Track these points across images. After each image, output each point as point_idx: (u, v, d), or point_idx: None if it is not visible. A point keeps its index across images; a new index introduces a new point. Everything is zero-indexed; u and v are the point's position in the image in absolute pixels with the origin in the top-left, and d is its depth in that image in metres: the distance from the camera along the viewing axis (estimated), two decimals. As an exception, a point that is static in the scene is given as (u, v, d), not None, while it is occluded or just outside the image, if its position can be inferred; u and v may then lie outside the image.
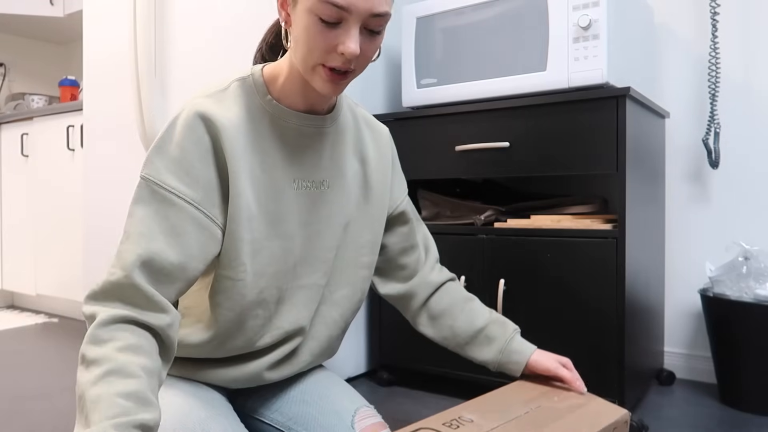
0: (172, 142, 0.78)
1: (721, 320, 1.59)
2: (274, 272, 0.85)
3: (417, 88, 1.75)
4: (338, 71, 0.78)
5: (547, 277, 1.50)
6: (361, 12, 0.74)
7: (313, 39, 0.75)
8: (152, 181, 0.77)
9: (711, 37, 1.79)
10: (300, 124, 0.86)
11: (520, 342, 1.03)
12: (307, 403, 0.97)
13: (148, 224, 0.75)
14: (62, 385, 1.80)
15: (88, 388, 0.65)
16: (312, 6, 0.74)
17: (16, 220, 3.04)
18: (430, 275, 1.07)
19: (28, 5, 3.09)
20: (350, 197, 0.93)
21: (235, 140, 0.80)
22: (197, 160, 0.78)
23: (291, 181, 0.85)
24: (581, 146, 1.46)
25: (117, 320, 0.70)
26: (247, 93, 0.84)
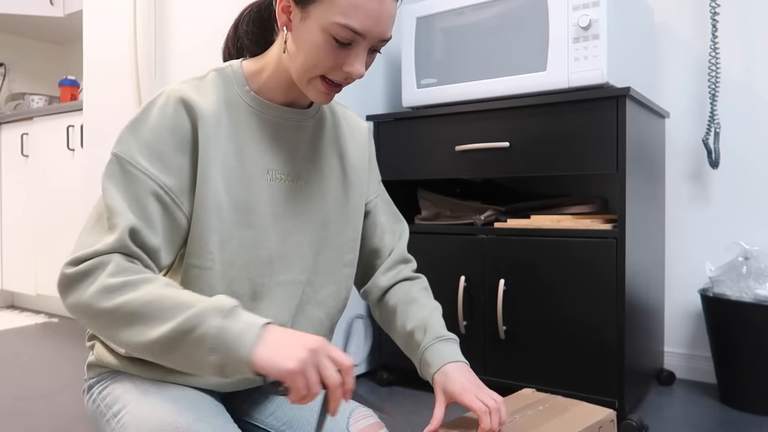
0: (146, 125, 0.78)
1: (721, 320, 1.59)
2: (244, 264, 0.84)
3: (417, 88, 1.75)
4: (335, 84, 0.80)
5: (547, 277, 1.50)
6: (374, 37, 0.77)
7: (322, 56, 0.77)
8: (125, 159, 0.77)
9: (711, 37, 1.79)
10: (278, 117, 0.86)
11: (436, 352, 0.91)
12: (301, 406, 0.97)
13: (126, 202, 0.75)
14: (62, 385, 1.80)
15: (158, 289, 0.70)
16: (328, 26, 0.75)
17: (16, 220, 3.04)
18: (380, 277, 1.02)
19: (28, 5, 3.09)
20: (329, 194, 0.92)
21: (210, 127, 0.80)
22: (171, 147, 0.78)
23: (264, 172, 0.85)
24: (581, 146, 1.46)
25: (132, 259, 0.74)
26: (225, 83, 0.84)
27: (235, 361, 0.66)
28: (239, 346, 0.66)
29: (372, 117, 1.82)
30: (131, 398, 0.84)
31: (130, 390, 0.86)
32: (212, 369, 0.67)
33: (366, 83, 1.90)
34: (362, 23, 0.75)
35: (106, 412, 0.86)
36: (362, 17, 0.75)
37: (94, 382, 0.92)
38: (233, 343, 0.66)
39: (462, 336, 1.63)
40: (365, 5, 0.75)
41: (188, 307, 0.68)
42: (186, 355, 0.68)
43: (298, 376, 0.65)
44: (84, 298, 0.71)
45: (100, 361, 0.90)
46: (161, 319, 0.68)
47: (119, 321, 0.70)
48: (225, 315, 0.68)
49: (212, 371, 0.68)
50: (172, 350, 0.68)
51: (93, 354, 0.93)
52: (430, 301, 1.00)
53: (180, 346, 0.68)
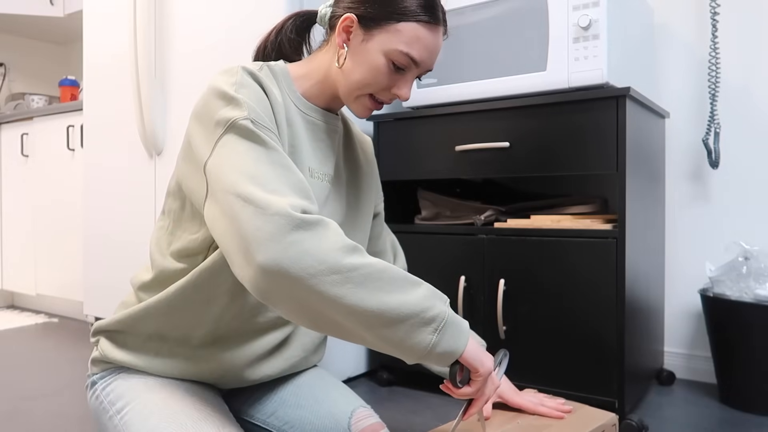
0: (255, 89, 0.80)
1: (721, 320, 1.59)
2: None
3: (417, 88, 1.75)
4: (379, 102, 0.89)
5: (547, 277, 1.50)
6: (426, 67, 0.88)
7: (378, 77, 0.85)
8: (261, 125, 0.77)
9: (711, 37, 1.79)
10: (318, 119, 0.92)
11: None
12: (302, 406, 0.97)
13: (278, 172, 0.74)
14: (62, 385, 1.80)
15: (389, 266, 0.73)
16: (390, 51, 0.84)
17: (16, 220, 3.04)
18: None
19: (28, 5, 3.09)
20: (344, 198, 0.97)
21: (277, 116, 0.84)
22: (268, 112, 0.82)
23: (307, 169, 0.89)
24: (581, 146, 1.46)
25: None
26: (277, 79, 0.88)
27: (450, 345, 0.73)
28: (459, 335, 0.74)
29: (372, 117, 1.82)
30: (135, 395, 0.85)
31: (134, 386, 0.86)
32: (420, 347, 0.71)
33: (366, 83, 1.90)
34: (420, 54, 0.85)
35: (110, 409, 0.86)
36: (421, 49, 0.85)
37: (97, 378, 0.92)
38: (456, 329, 0.74)
39: (462, 336, 1.63)
40: (426, 39, 0.85)
41: (418, 283, 0.73)
42: (408, 328, 0.70)
43: (487, 375, 0.77)
44: (321, 246, 0.68)
45: (105, 356, 0.91)
46: (397, 288, 0.71)
47: (353, 280, 0.68)
48: (447, 304, 0.75)
49: (418, 350, 0.71)
50: (398, 321, 0.70)
51: (98, 350, 0.93)
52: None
53: (409, 320, 0.70)
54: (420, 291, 0.73)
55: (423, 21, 0.84)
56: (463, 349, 0.74)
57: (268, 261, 0.66)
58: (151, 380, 0.87)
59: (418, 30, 0.84)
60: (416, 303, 0.71)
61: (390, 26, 0.84)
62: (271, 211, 0.68)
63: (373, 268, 0.70)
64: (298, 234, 0.67)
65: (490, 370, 0.78)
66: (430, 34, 0.85)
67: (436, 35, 0.86)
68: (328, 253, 0.68)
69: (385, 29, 0.84)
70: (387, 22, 0.84)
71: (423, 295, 0.72)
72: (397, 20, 0.83)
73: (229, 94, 0.78)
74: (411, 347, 0.71)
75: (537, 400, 0.96)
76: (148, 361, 0.88)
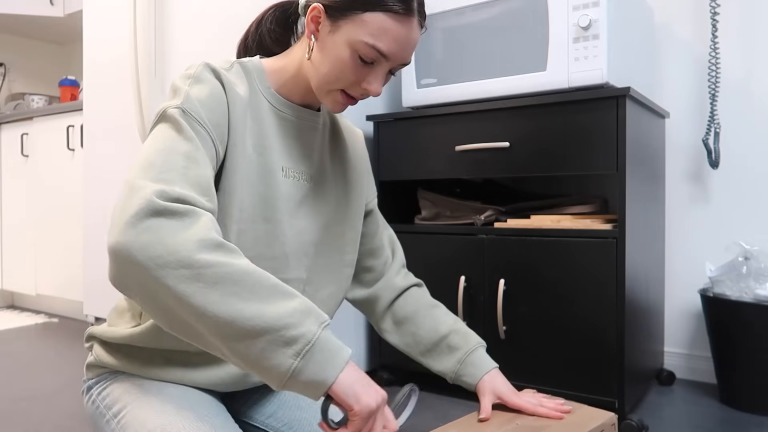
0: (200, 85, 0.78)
1: (721, 320, 1.59)
2: (254, 257, 0.83)
3: (417, 88, 1.75)
4: (352, 97, 0.83)
5: (547, 277, 1.50)
6: (396, 61, 0.81)
7: (345, 71, 0.80)
8: (192, 115, 0.75)
9: (711, 37, 1.79)
10: (295, 116, 0.88)
11: (481, 356, 0.99)
12: (302, 408, 0.97)
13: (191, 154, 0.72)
14: (62, 385, 1.80)
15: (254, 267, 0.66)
16: (356, 43, 0.78)
17: (16, 221, 3.04)
18: (395, 278, 1.06)
19: (28, 5, 3.09)
20: (332, 196, 0.94)
21: (239, 114, 0.81)
22: (219, 113, 0.78)
23: (280, 168, 0.86)
24: (581, 146, 1.46)
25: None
26: (248, 76, 0.85)
27: (316, 375, 0.63)
28: (328, 363, 0.64)
29: (372, 117, 1.82)
30: (131, 398, 0.84)
31: (129, 390, 0.86)
32: (279, 372, 0.62)
33: (366, 83, 1.90)
34: (389, 46, 0.79)
35: (106, 413, 0.86)
36: (389, 41, 0.79)
37: (93, 382, 0.92)
38: (324, 357, 0.64)
39: (462, 336, 1.63)
40: (395, 30, 0.78)
41: (289, 295, 0.65)
42: (264, 346, 0.62)
43: (367, 414, 0.65)
44: (175, 239, 0.63)
45: (99, 361, 0.90)
46: (258, 296, 0.63)
47: (204, 278, 0.62)
48: (323, 326, 0.65)
49: (276, 374, 0.62)
50: (252, 336, 0.61)
51: (92, 355, 0.93)
52: (448, 312, 1.06)
53: (265, 336, 0.62)
54: (287, 305, 0.63)
55: (392, 11, 0.77)
56: (332, 380, 0.64)
57: (118, 244, 0.62)
58: (147, 383, 0.87)
59: (386, 21, 0.78)
60: (277, 317, 0.62)
61: (356, 16, 0.78)
62: (137, 195, 0.64)
63: (232, 268, 0.62)
64: (155, 220, 0.62)
65: (370, 408, 0.65)
66: (399, 25, 0.78)
67: (408, 27, 0.79)
68: (182, 244, 0.62)
69: (351, 19, 0.78)
70: (353, 12, 0.78)
71: (289, 310, 0.63)
72: (363, 10, 0.78)
73: (179, 87, 0.77)
74: (269, 370, 0.62)
75: (536, 401, 0.95)
76: (144, 367, 0.87)
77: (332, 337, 0.67)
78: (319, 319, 0.65)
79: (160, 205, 0.63)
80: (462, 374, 0.98)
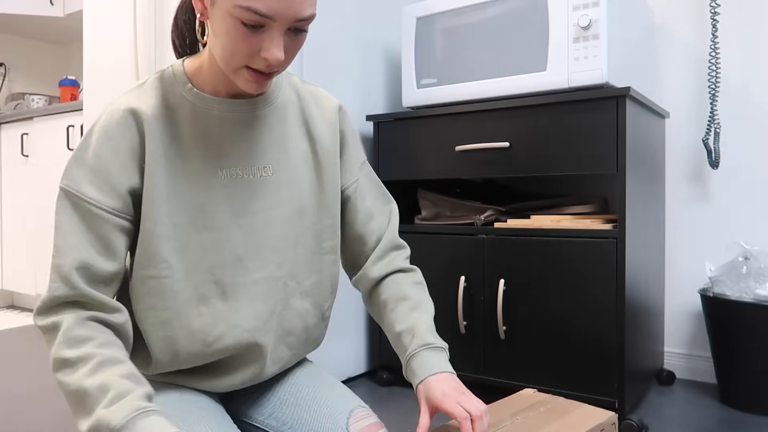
0: (89, 150, 0.77)
1: (721, 320, 1.59)
2: (209, 266, 0.82)
3: (417, 88, 1.75)
4: (259, 71, 0.75)
5: (547, 277, 1.50)
6: (286, 19, 0.71)
7: (236, 44, 0.72)
8: (72, 194, 0.76)
9: (711, 37, 1.79)
10: (225, 111, 0.81)
11: (422, 361, 0.86)
12: (301, 406, 0.96)
13: (77, 236, 0.76)
14: (62, 385, 1.80)
15: (85, 380, 0.69)
16: (232, 10, 0.70)
17: (16, 221, 3.04)
18: (371, 269, 0.95)
19: (28, 5, 3.09)
20: (301, 181, 0.88)
21: (154, 133, 0.78)
22: (116, 166, 0.77)
23: (218, 170, 0.81)
24: (581, 146, 1.46)
25: (85, 319, 0.74)
26: (165, 85, 0.81)
27: None
28: None
29: (372, 117, 1.82)
30: None
31: None
32: None
33: (366, 83, 1.90)
34: (267, 4, 0.69)
35: None
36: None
37: None
38: None
39: (462, 336, 1.63)
40: None
41: (89, 412, 0.69)
42: None
43: None
44: (51, 359, 0.74)
45: None
46: (77, 413, 0.71)
47: (62, 391, 0.73)
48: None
49: None
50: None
51: None
52: (422, 298, 0.94)
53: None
54: (89, 423, 0.68)
55: None
56: None
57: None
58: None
59: None
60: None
61: None
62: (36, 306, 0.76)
63: (69, 388, 0.71)
64: (43, 335, 0.77)
65: None
66: None
67: None
68: (51, 362, 0.74)
69: None
70: None
71: (90, 427, 0.68)
72: None
73: (74, 153, 0.79)
74: None
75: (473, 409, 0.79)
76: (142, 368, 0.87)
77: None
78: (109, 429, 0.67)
79: (37, 326, 0.76)
80: (408, 380, 0.89)
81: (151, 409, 0.69)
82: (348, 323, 1.83)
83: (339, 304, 1.79)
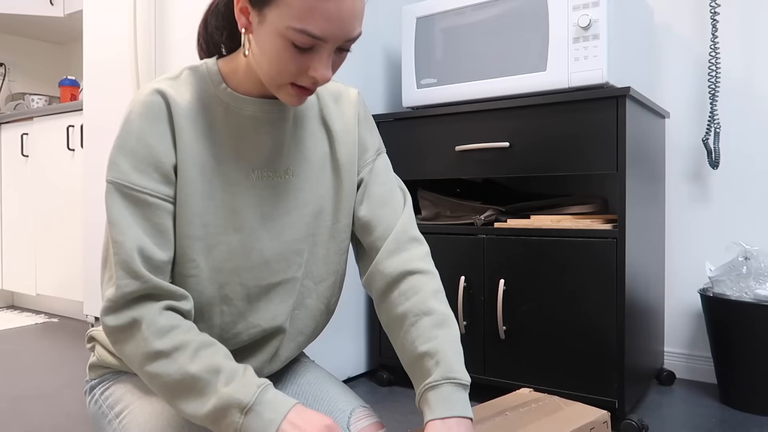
0: (132, 136, 0.76)
1: (721, 320, 1.59)
2: (234, 268, 0.82)
3: (417, 88, 1.75)
4: (304, 87, 0.75)
5: (547, 277, 1.50)
6: (337, 39, 0.71)
7: (285, 63, 0.72)
8: (122, 185, 0.75)
9: (711, 37, 1.79)
10: (257, 111, 0.81)
11: (443, 398, 0.77)
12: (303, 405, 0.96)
13: (134, 229, 0.75)
14: (62, 385, 1.80)
15: (189, 366, 0.71)
16: (285, 31, 0.69)
17: (16, 220, 3.04)
18: (385, 262, 0.87)
19: (28, 5, 3.09)
20: (320, 182, 0.87)
21: (186, 128, 0.78)
22: (160, 149, 0.76)
23: (249, 171, 0.81)
24: (581, 146, 1.46)
25: (163, 310, 0.75)
26: (200, 81, 0.81)
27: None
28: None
29: (372, 117, 1.82)
30: (133, 399, 0.84)
31: (132, 390, 0.86)
32: None
33: (366, 83, 1.90)
34: (321, 27, 0.69)
35: (108, 413, 0.86)
36: (321, 20, 0.69)
37: (95, 383, 0.92)
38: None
39: (462, 336, 1.63)
40: (323, 7, 0.68)
41: (203, 393, 0.71)
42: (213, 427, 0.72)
43: None
44: (126, 352, 0.74)
45: (102, 361, 0.91)
46: (190, 400, 0.72)
47: (155, 386, 0.73)
48: (245, 411, 0.70)
49: None
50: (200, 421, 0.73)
51: (94, 355, 0.93)
52: (447, 312, 0.84)
53: (207, 423, 0.72)
54: (213, 403, 0.70)
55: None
56: None
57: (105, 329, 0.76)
58: None
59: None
60: (207, 416, 0.71)
61: (277, 1, 0.69)
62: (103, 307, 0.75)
63: (170, 378, 0.72)
64: (111, 336, 0.75)
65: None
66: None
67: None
68: (132, 357, 0.74)
69: (275, 5, 0.69)
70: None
71: (216, 406, 0.70)
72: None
73: (115, 142, 0.78)
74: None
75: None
76: None
77: (263, 415, 0.70)
78: (240, 407, 0.70)
79: (109, 327, 0.74)
80: (419, 406, 0.81)
81: (268, 384, 0.72)
82: (348, 323, 1.83)
83: (339, 303, 1.79)
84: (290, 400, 0.72)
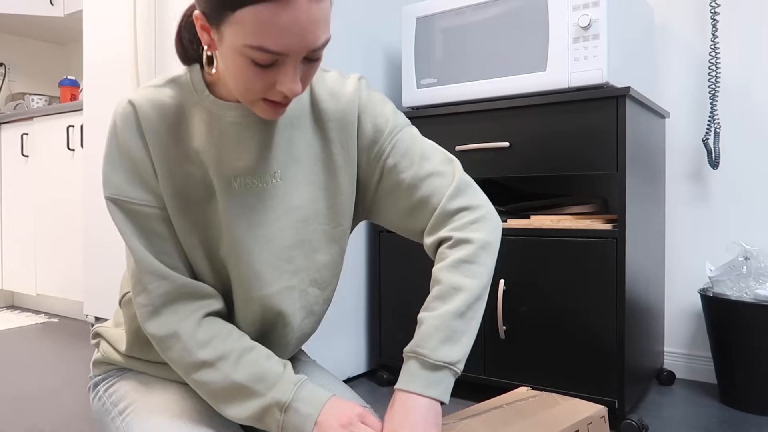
0: (117, 150, 0.77)
1: (721, 320, 1.59)
2: (222, 282, 0.82)
3: (417, 88, 1.75)
4: (276, 102, 0.72)
5: (547, 277, 1.50)
6: (299, 52, 0.67)
7: (250, 81, 0.68)
8: (119, 200, 0.77)
9: (711, 37, 1.79)
10: (240, 116, 0.77)
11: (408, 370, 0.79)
12: None
13: (141, 240, 0.78)
14: (62, 385, 1.80)
15: (233, 374, 0.76)
16: (242, 49, 0.66)
17: (16, 220, 3.04)
18: (427, 240, 0.86)
19: (28, 5, 3.09)
20: (312, 185, 0.83)
21: (155, 141, 0.77)
22: (144, 161, 0.77)
23: (231, 180, 0.77)
24: (581, 146, 1.46)
25: (200, 318, 0.78)
26: (182, 89, 0.79)
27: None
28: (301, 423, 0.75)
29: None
30: (137, 396, 0.85)
31: (136, 388, 0.86)
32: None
33: (366, 83, 1.90)
34: (278, 42, 0.64)
35: (112, 410, 0.86)
36: (277, 35, 0.64)
37: (99, 379, 0.92)
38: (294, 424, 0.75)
39: (462, 336, 1.63)
40: (275, 21, 0.63)
41: (249, 398, 0.76)
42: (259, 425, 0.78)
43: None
44: (171, 359, 0.78)
45: (107, 358, 0.91)
46: (234, 405, 0.77)
47: (202, 392, 0.79)
48: (284, 409, 0.75)
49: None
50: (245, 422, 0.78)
51: (99, 351, 0.93)
52: (454, 285, 0.80)
53: (252, 422, 0.78)
54: (255, 405, 0.76)
55: (262, 0, 0.63)
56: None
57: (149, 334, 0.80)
58: (153, 381, 0.87)
59: (261, 13, 0.63)
60: (250, 417, 0.77)
61: (230, 18, 0.64)
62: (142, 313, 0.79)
63: (215, 386, 0.77)
64: (161, 347, 0.79)
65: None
66: (279, 11, 0.63)
67: (292, 7, 0.63)
68: (177, 366, 0.79)
69: (227, 23, 0.65)
70: (224, 14, 0.65)
71: (259, 409, 0.76)
72: (232, 8, 0.64)
73: (105, 158, 0.79)
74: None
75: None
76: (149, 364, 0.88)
77: (300, 410, 0.75)
78: (279, 406, 0.76)
79: (151, 334, 0.78)
80: None
81: (305, 380, 0.77)
82: (348, 323, 1.83)
83: (339, 303, 1.79)
84: (325, 394, 0.76)
